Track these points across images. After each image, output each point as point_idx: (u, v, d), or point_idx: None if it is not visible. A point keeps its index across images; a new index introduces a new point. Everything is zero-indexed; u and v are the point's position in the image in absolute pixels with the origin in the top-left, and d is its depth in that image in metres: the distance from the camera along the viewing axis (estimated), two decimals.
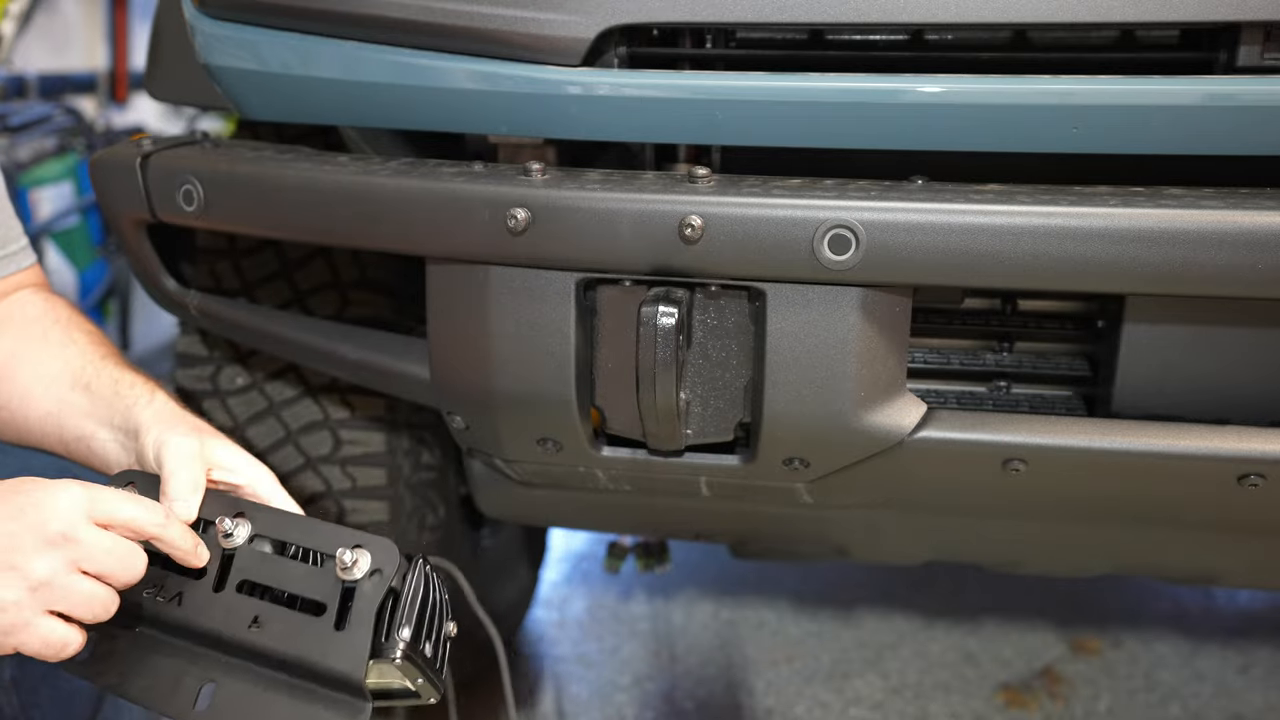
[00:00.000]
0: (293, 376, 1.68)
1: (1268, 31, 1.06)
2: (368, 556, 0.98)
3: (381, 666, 0.98)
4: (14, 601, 0.90)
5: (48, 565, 0.91)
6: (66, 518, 0.92)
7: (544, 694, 2.23)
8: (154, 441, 1.07)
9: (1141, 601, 2.62)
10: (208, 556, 1.01)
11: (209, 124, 4.85)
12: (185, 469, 1.04)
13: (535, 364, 1.16)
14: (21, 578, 0.90)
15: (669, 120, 1.15)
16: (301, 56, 1.26)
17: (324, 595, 0.99)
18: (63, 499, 0.92)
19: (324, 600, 0.98)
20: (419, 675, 0.99)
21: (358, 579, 0.97)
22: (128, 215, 1.35)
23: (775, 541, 1.72)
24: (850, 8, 1.09)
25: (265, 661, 0.99)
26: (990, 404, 1.31)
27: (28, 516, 0.91)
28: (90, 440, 1.15)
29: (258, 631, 0.98)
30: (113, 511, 0.95)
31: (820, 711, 2.16)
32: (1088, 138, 1.08)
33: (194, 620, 1.00)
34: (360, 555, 0.98)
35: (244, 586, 1.01)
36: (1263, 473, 1.13)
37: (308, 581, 1.00)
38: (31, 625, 0.91)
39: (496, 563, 2.21)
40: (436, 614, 1.02)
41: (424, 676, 1.00)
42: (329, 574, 0.99)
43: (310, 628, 0.98)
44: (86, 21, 4.99)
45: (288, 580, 1.01)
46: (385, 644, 0.97)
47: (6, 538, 0.90)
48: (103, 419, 1.14)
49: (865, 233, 1.03)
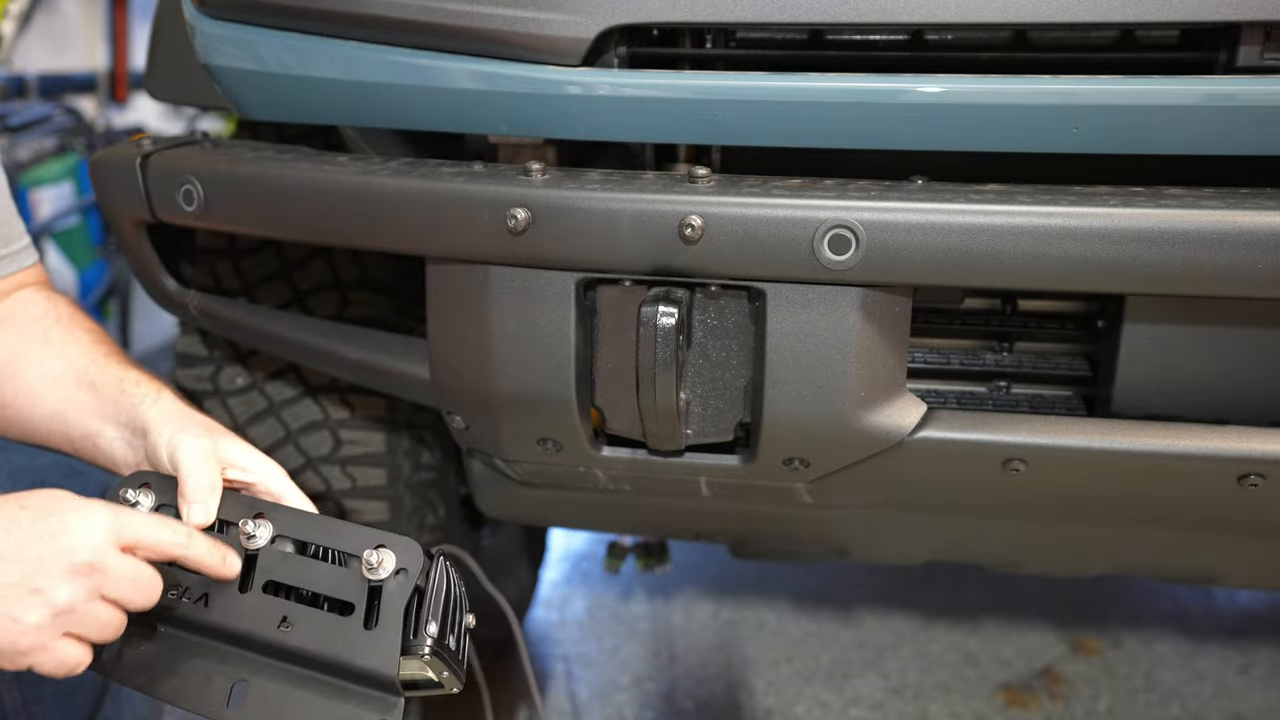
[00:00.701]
0: (293, 376, 1.68)
1: (1268, 31, 1.06)
2: (392, 556, 1.00)
3: (409, 662, 1.00)
4: (35, 625, 0.92)
5: (71, 593, 0.92)
6: (94, 545, 0.93)
7: (544, 694, 2.23)
8: (166, 442, 1.07)
9: (1141, 601, 2.62)
10: (238, 568, 1.02)
11: (209, 124, 4.85)
12: (200, 470, 1.05)
13: (535, 364, 1.16)
14: (47, 604, 0.91)
15: (669, 120, 1.15)
16: (301, 56, 1.26)
17: (351, 595, 1.01)
18: (93, 526, 0.93)
19: (351, 600, 1.00)
20: (444, 668, 1.02)
21: (384, 579, 1.00)
22: (128, 215, 1.35)
23: (775, 541, 1.72)
24: (850, 8, 1.09)
25: (295, 660, 1.00)
26: (990, 404, 1.31)
27: (57, 541, 0.92)
28: (96, 438, 1.16)
29: (287, 631, 1.00)
30: (139, 536, 0.96)
31: (820, 711, 2.16)
32: (1088, 138, 1.08)
33: (222, 621, 1.02)
34: (385, 555, 1.00)
35: (269, 587, 1.03)
36: (1263, 473, 1.13)
37: (334, 581, 1.02)
38: (49, 648, 0.93)
39: (496, 563, 2.21)
40: (457, 607, 1.05)
41: (449, 669, 1.02)
42: (354, 574, 1.01)
43: (339, 627, 1.00)
44: (86, 21, 4.99)
45: (313, 580, 1.02)
46: (414, 641, 1.00)
47: (36, 562, 0.91)
48: (109, 417, 1.15)
49: (865, 233, 1.02)
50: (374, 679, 0.99)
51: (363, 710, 0.99)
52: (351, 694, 0.99)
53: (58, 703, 1.22)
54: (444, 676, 1.03)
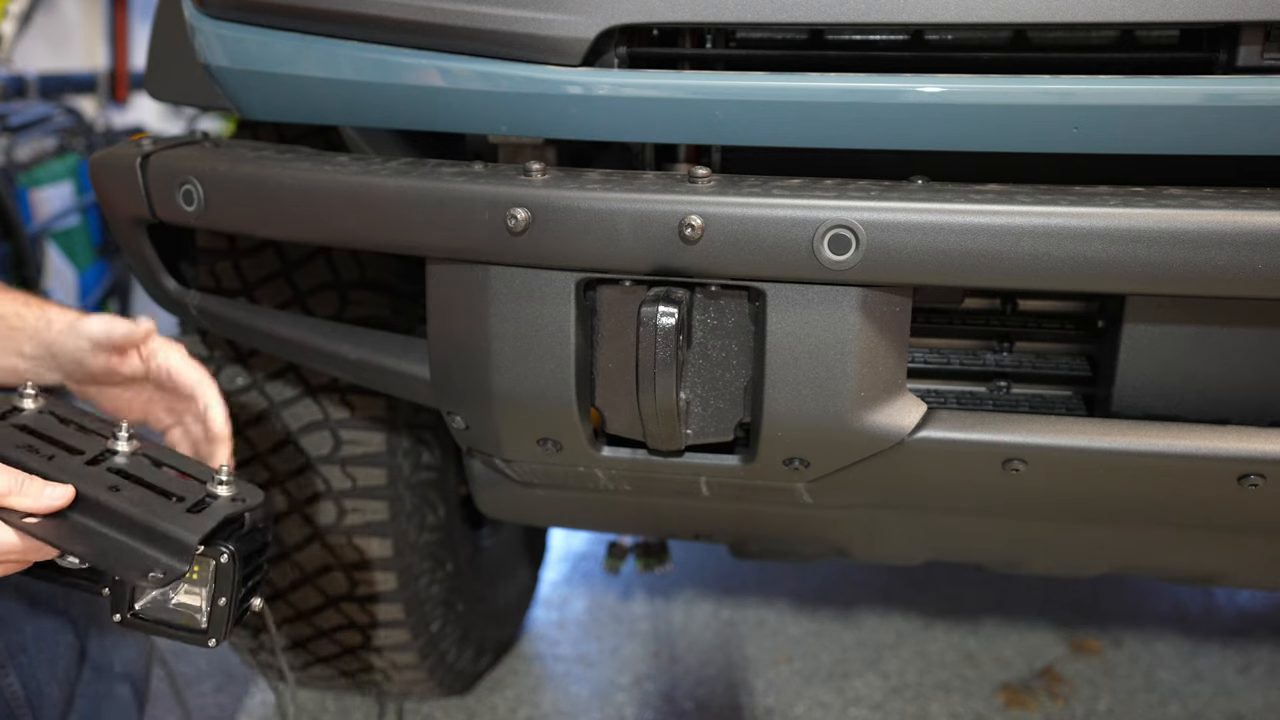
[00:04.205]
0: (293, 376, 1.68)
1: (1268, 31, 1.06)
2: (236, 488, 1.11)
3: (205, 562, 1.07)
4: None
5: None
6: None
7: (544, 694, 2.23)
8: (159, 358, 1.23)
9: (1141, 601, 2.62)
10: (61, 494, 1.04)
11: (209, 124, 4.86)
12: (208, 381, 1.23)
13: (535, 364, 1.16)
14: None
15: (669, 120, 1.15)
16: (301, 56, 1.26)
17: (185, 493, 1.08)
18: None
19: (184, 495, 1.08)
20: (223, 596, 1.08)
21: (220, 495, 1.10)
22: (128, 215, 1.35)
23: (775, 541, 1.72)
24: (850, 8, 1.09)
25: (109, 519, 1.04)
26: (990, 404, 1.31)
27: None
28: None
29: (115, 495, 1.05)
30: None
31: (820, 711, 2.16)
32: (1088, 138, 1.08)
33: (52, 473, 1.05)
34: (232, 484, 1.11)
35: (116, 471, 1.09)
36: (1263, 473, 1.13)
37: (177, 486, 1.09)
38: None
39: (496, 563, 2.21)
40: (257, 573, 1.13)
41: (225, 605, 1.08)
42: (197, 488, 1.10)
43: (164, 503, 1.06)
44: (86, 21, 5.00)
45: (158, 479, 1.09)
46: (221, 543, 1.07)
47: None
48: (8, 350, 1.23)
49: (865, 233, 1.03)
50: (174, 543, 1.02)
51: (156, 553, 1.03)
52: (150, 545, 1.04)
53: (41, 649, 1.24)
54: (214, 609, 1.08)
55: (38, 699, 1.25)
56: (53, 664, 1.26)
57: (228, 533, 1.09)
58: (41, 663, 1.25)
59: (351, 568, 1.75)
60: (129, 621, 1.10)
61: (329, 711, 2.13)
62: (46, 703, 1.26)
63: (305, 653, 1.90)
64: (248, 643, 1.89)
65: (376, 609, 1.80)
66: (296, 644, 1.88)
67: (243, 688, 2.22)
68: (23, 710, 1.24)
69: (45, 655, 1.25)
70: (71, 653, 1.27)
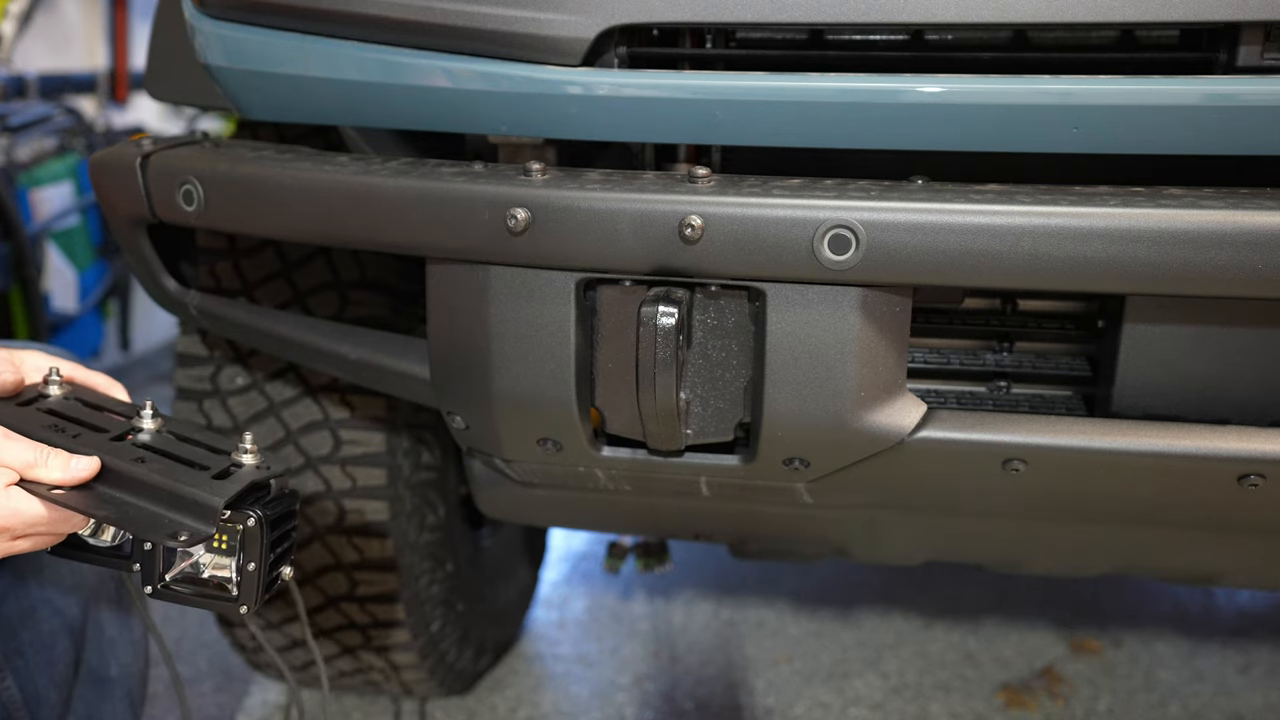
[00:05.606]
0: (293, 376, 1.68)
1: (1268, 31, 1.06)
2: (260, 458, 1.11)
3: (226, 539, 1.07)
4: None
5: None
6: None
7: (544, 694, 2.23)
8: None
9: (1141, 601, 2.62)
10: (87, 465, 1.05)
11: (209, 124, 4.86)
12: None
13: (535, 364, 1.16)
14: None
15: (669, 120, 1.15)
16: (301, 56, 1.26)
17: (210, 463, 1.09)
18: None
19: (208, 465, 1.08)
20: (252, 561, 1.07)
21: (245, 462, 1.10)
22: (128, 215, 1.35)
23: (775, 541, 1.72)
24: (850, 8, 1.09)
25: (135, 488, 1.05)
26: (990, 404, 1.31)
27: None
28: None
29: (140, 466, 1.06)
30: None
31: (820, 711, 2.16)
32: (1088, 138, 1.08)
33: (78, 448, 1.06)
34: (256, 455, 1.11)
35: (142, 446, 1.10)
36: (1263, 473, 1.13)
37: (200, 456, 1.10)
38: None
39: (496, 563, 2.21)
40: (285, 540, 1.12)
41: (255, 570, 1.07)
42: (220, 458, 1.10)
43: (189, 471, 1.07)
44: (86, 21, 5.00)
45: (182, 451, 1.10)
46: (245, 507, 1.07)
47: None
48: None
49: (865, 233, 1.03)
50: (199, 507, 1.03)
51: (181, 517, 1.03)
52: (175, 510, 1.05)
53: (38, 653, 1.24)
54: (244, 574, 1.07)
55: (35, 703, 1.25)
56: (50, 668, 1.26)
57: (254, 499, 1.09)
58: (39, 667, 1.25)
59: (351, 568, 1.75)
60: (160, 593, 1.09)
61: (329, 712, 2.13)
62: (44, 706, 1.26)
63: (305, 652, 1.90)
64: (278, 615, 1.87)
65: (376, 609, 1.80)
66: (297, 644, 1.88)
67: (243, 688, 2.22)
68: (20, 714, 1.24)
69: (42, 659, 1.25)
70: (68, 657, 1.28)
